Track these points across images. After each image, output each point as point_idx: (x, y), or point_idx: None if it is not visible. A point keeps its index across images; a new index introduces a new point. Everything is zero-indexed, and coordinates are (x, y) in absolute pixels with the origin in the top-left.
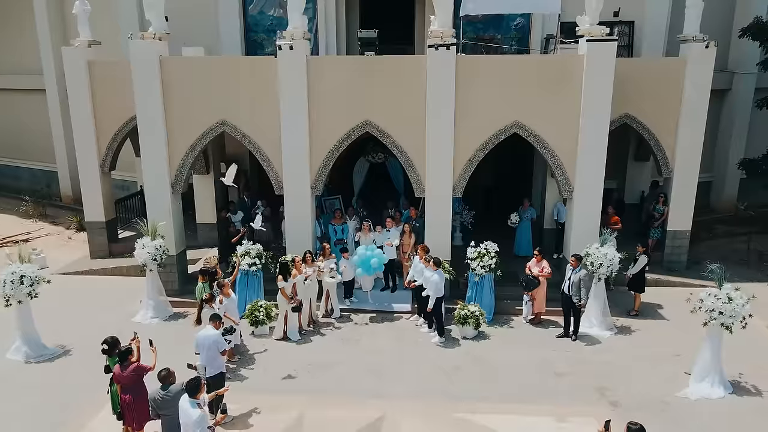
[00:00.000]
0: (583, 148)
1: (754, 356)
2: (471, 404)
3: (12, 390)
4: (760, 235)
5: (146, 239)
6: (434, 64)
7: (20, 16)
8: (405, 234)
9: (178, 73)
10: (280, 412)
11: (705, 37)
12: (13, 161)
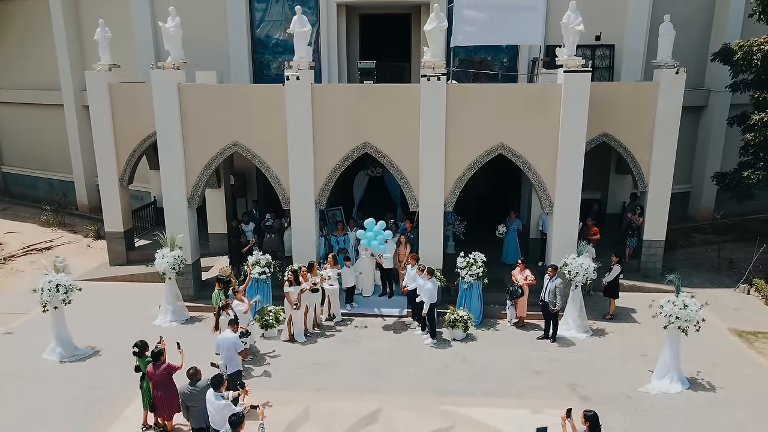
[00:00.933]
0: (561, 168)
1: (712, 355)
2: (458, 398)
3: (50, 387)
4: (733, 243)
5: (165, 250)
6: (427, 93)
7: (40, 35)
8: (401, 244)
9: (194, 99)
10: (289, 405)
11: (676, 63)
12: (31, 171)
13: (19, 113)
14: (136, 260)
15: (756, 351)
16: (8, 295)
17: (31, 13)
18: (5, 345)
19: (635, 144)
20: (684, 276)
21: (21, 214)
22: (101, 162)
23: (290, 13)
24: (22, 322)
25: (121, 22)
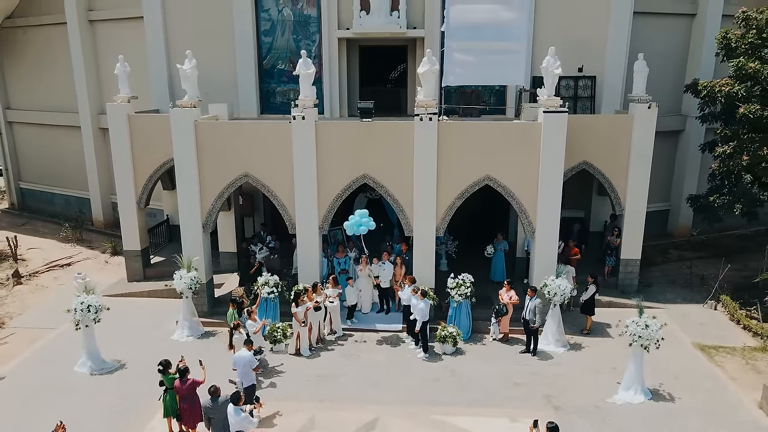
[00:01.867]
0: (542, 197)
1: (675, 368)
2: (446, 408)
3: (83, 398)
4: (706, 259)
5: (183, 271)
6: (420, 131)
7: (58, 60)
8: (397, 265)
9: (209, 134)
10: (296, 415)
11: (649, 99)
12: (48, 188)
13: (36, 133)
14: (152, 276)
15: (716, 365)
16: (37, 311)
17: (50, 40)
18: (39, 358)
19: (612, 171)
20: (659, 292)
21: (40, 230)
22: (120, 186)
23: (294, 45)
24: (52, 337)
25: (135, 50)
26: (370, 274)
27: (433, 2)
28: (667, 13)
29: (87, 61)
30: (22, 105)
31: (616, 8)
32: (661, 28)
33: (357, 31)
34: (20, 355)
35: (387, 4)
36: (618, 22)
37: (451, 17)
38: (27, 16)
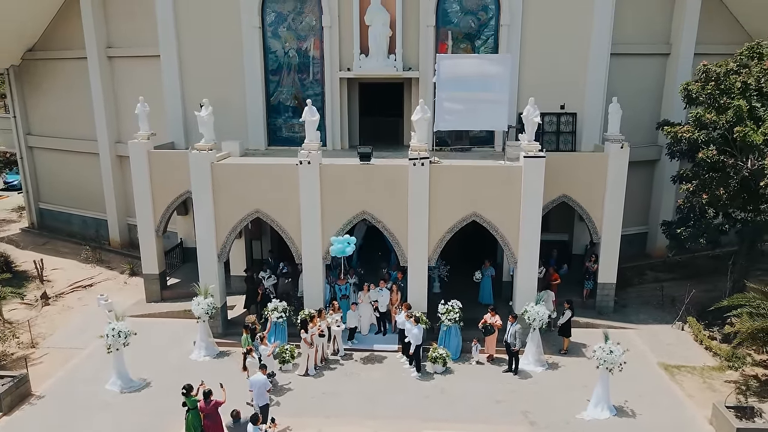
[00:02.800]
0: (522, 232)
1: (640, 387)
2: (436, 423)
3: (115, 414)
4: (679, 281)
5: (200, 298)
6: (413, 173)
7: (78, 92)
8: (393, 292)
9: (224, 175)
10: (304, 430)
11: (622, 138)
12: (66, 208)
13: (55, 158)
14: (169, 298)
15: (676, 383)
16: (66, 332)
17: (70, 73)
18: (73, 378)
19: (589, 203)
20: (633, 313)
21: (60, 249)
22: (141, 216)
23: (299, 83)
24: (82, 357)
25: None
26: (369, 299)
27: (427, 46)
28: (644, 54)
29: (106, 93)
30: (42, 132)
31: (594, 51)
32: (638, 66)
33: (357, 73)
34: (55, 374)
35: (384, 48)
36: (596, 64)
37: (441, 70)
38: (47, 50)
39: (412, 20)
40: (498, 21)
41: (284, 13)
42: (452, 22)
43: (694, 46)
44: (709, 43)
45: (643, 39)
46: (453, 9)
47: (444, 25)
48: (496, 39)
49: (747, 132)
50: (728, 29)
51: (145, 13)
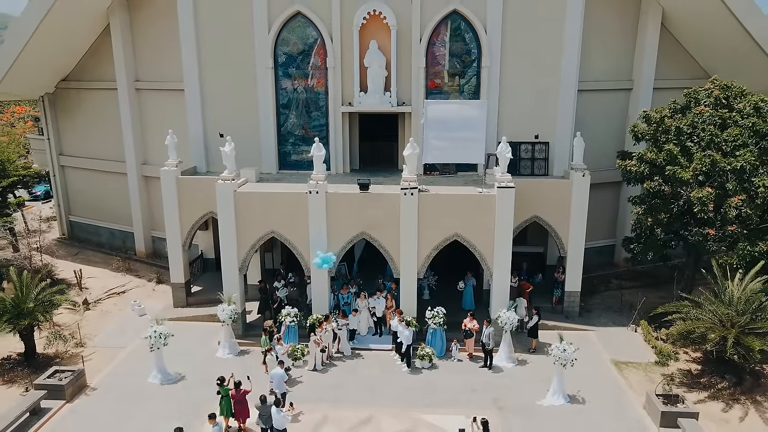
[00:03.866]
0: (496, 250)
1: (592, 379)
2: (421, 408)
3: (159, 402)
4: (640, 288)
5: (225, 305)
6: (404, 201)
7: (107, 118)
8: (387, 300)
9: (245, 201)
10: (314, 413)
11: (584, 168)
12: (95, 221)
13: (85, 176)
14: (193, 303)
15: (622, 377)
16: (107, 333)
17: (100, 101)
18: (119, 372)
19: (557, 222)
20: (595, 317)
21: (91, 259)
22: (170, 232)
23: (306, 115)
24: (124, 355)
25: (174, 113)
26: (367, 305)
27: (418, 85)
28: (610, 89)
29: (134, 121)
30: (73, 152)
31: (563, 88)
32: (605, 99)
33: (357, 108)
34: (104, 369)
35: (381, 86)
36: (565, 99)
37: (429, 113)
38: (80, 80)
39: (405, 62)
40: (480, 63)
41: (293, 55)
42: (440, 63)
43: (653, 81)
44: (668, 78)
45: (608, 76)
46: (441, 53)
47: (433, 66)
48: (478, 78)
49: (676, 170)
50: (685, 65)
51: (169, 53)
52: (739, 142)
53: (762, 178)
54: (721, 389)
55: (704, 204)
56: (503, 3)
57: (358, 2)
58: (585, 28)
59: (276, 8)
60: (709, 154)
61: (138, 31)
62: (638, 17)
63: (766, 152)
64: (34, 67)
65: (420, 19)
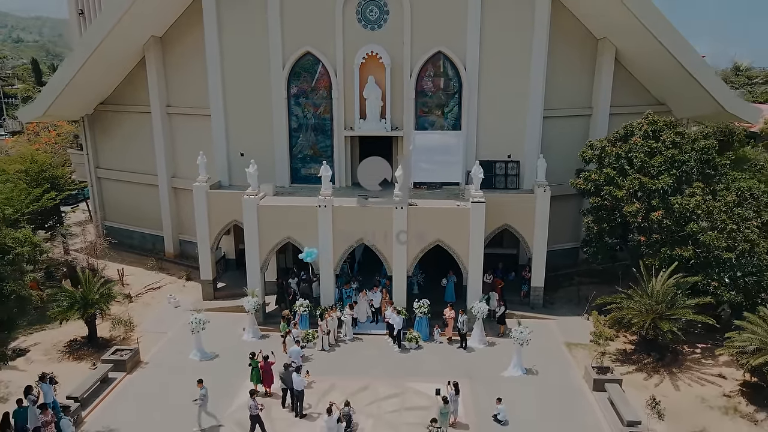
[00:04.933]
0: (471, 252)
1: (546, 356)
2: (408, 379)
3: (200, 374)
4: (596, 284)
5: (249, 298)
6: (396, 213)
7: (140, 137)
8: (382, 293)
9: (266, 213)
10: (324, 382)
11: (546, 184)
12: (128, 226)
13: (119, 186)
14: (219, 297)
15: (571, 354)
16: (150, 321)
17: (135, 122)
18: (165, 350)
19: (523, 230)
20: (557, 308)
21: (126, 259)
22: (200, 238)
23: (314, 138)
24: (167, 338)
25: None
26: (366, 299)
27: (409, 113)
28: (572, 115)
29: (165, 140)
30: (108, 166)
31: (531, 115)
32: (568, 124)
33: (357, 132)
34: (152, 349)
35: (378, 114)
36: (533, 124)
37: (416, 141)
38: (116, 104)
39: (398, 94)
40: (461, 94)
41: (304, 87)
42: (427, 95)
43: (610, 108)
44: (622, 105)
45: (570, 104)
46: (428, 86)
47: (421, 98)
48: (459, 107)
49: (612, 189)
50: (637, 94)
51: (197, 83)
52: (662, 168)
53: (677, 198)
54: (646, 364)
55: (634, 216)
56: (479, 45)
57: (358, 44)
58: (549, 63)
59: (289, 48)
60: (638, 176)
61: (169, 64)
62: (596, 54)
63: (681, 178)
64: (78, 94)
65: (410, 58)
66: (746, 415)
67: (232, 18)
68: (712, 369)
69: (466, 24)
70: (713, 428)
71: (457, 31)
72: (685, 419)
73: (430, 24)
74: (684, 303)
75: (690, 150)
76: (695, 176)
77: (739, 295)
